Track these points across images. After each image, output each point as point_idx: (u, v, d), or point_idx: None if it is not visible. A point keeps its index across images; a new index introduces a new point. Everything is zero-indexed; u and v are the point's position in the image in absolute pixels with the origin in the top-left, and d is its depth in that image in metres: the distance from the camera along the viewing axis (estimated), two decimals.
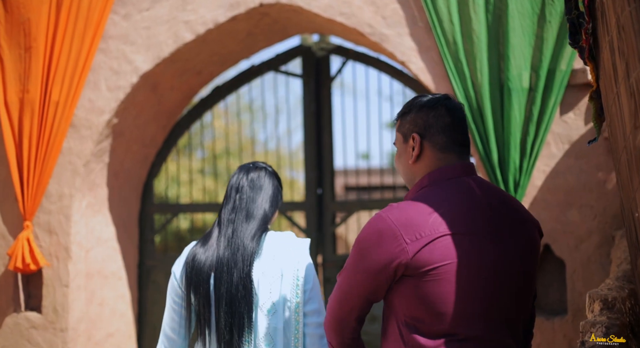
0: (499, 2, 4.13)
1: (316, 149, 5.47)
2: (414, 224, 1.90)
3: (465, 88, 4.18)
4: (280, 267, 2.58)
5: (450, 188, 2.01)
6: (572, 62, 4.03)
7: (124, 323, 5.28)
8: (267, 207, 2.67)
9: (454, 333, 1.90)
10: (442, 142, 2.06)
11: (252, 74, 5.60)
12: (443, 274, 1.89)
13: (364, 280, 1.97)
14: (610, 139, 2.10)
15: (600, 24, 2.00)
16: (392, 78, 5.30)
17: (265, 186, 2.70)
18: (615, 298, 2.84)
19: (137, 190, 5.51)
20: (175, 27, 4.72)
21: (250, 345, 2.53)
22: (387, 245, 1.91)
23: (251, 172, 2.72)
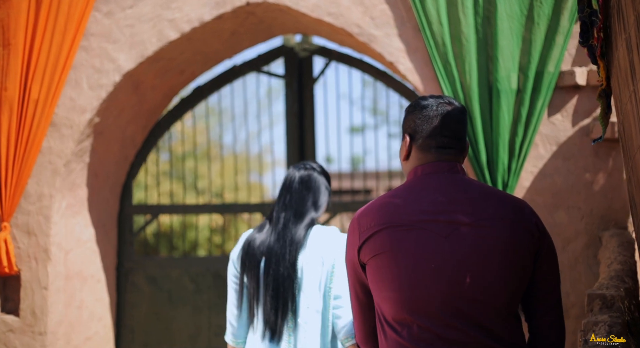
0: (488, 4, 4.15)
1: (299, 150, 5.44)
2: (367, 216, 2.08)
3: (454, 89, 4.18)
4: (321, 257, 2.90)
5: (415, 184, 2.12)
6: (559, 64, 4.07)
7: (102, 326, 5.19)
8: (315, 206, 2.97)
9: (409, 320, 2.00)
10: (425, 144, 2.15)
11: (234, 74, 5.55)
12: (380, 263, 2.03)
13: (349, 268, 2.18)
14: (623, 137, 2.11)
15: (615, 21, 2.00)
16: (376, 79, 5.30)
17: (313, 186, 2.99)
18: (614, 297, 2.86)
19: (116, 191, 5.42)
20: (160, 25, 4.65)
21: (291, 328, 2.89)
22: (350, 236, 2.14)
23: (302, 172, 3.02)
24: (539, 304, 2.12)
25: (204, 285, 5.46)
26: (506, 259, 2.01)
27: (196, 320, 5.45)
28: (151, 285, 5.49)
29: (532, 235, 2.04)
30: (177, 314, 5.48)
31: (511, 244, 2.01)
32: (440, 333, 1.96)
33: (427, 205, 2.03)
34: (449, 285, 1.98)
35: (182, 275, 5.49)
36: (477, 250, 1.99)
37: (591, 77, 4.07)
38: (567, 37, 4.06)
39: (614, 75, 2.13)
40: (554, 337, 2.16)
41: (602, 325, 2.67)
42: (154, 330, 5.49)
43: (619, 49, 2.00)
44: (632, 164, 2.04)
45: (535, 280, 2.09)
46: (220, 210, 5.90)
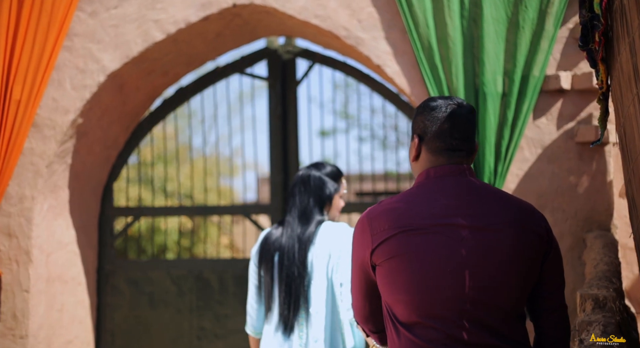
0: (474, 8, 4.20)
1: (282, 152, 5.43)
2: (380, 218, 2.09)
3: (440, 92, 4.22)
4: (329, 253, 3.14)
5: (428, 187, 2.13)
6: (544, 68, 4.12)
7: (82, 329, 5.13)
8: (318, 204, 3.23)
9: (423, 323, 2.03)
10: (436, 146, 2.16)
11: (217, 75, 5.53)
12: (393, 265, 2.05)
13: (356, 266, 2.20)
14: (624, 139, 2.15)
15: (618, 25, 2.04)
16: (359, 82, 5.32)
17: (312, 185, 3.24)
18: (606, 298, 2.90)
19: (97, 193, 5.37)
20: (145, 25, 4.62)
21: (304, 320, 3.13)
22: (360, 237, 2.15)
23: (303, 172, 3.30)
24: (545, 304, 2.16)
25: (186, 288, 5.43)
26: (517, 263, 2.04)
27: (178, 323, 5.42)
28: (132, 288, 5.44)
29: (542, 239, 2.08)
30: (158, 317, 5.44)
31: (522, 248, 2.05)
32: (453, 334, 1.99)
33: (441, 209, 2.05)
34: (462, 289, 2.00)
35: (163, 278, 5.45)
36: (490, 254, 2.02)
37: (576, 81, 4.13)
38: (552, 42, 4.12)
39: (615, 79, 2.17)
40: (559, 337, 2.20)
41: (596, 325, 2.71)
42: (134, 333, 5.44)
43: (622, 53, 2.04)
44: (633, 166, 2.07)
45: (542, 282, 2.13)
46: (203, 212, 5.87)
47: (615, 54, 2.13)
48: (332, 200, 3.29)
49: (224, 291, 5.39)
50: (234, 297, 5.37)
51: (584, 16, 2.23)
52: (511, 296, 2.06)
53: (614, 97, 2.22)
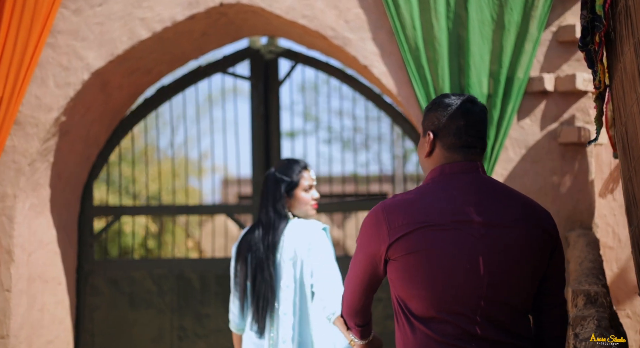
0: (460, 10, 4.26)
1: (264, 152, 5.44)
2: (398, 213, 2.09)
3: (427, 93, 4.28)
4: (295, 252, 3.15)
5: (444, 183, 2.15)
6: (529, 70, 4.21)
7: (62, 329, 5.08)
8: (276, 204, 3.21)
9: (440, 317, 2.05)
10: (451, 143, 2.19)
11: (199, 74, 5.52)
12: (413, 261, 2.06)
13: (364, 259, 2.20)
14: (626, 138, 2.21)
15: (623, 27, 2.11)
16: (342, 82, 5.35)
17: (269, 186, 3.25)
18: (597, 293, 2.98)
19: (78, 192, 5.32)
20: (131, 23, 4.61)
21: (274, 321, 3.16)
22: (375, 231, 2.13)
23: (266, 174, 3.34)
24: (547, 300, 2.21)
25: (167, 287, 5.40)
26: (529, 260, 2.10)
27: (159, 323, 5.39)
28: (112, 288, 5.40)
29: (550, 235, 2.14)
30: (139, 317, 5.40)
31: (533, 245, 2.10)
32: (467, 329, 2.03)
33: (459, 206, 2.07)
34: (479, 286, 2.04)
35: (144, 277, 5.42)
36: (505, 251, 2.06)
37: (558, 83, 4.22)
38: (536, 45, 4.21)
39: (617, 79, 2.23)
40: (559, 332, 2.25)
41: (590, 319, 2.78)
42: (114, 333, 5.40)
43: (626, 53, 2.10)
44: (635, 164, 2.14)
45: (547, 278, 2.18)
46: (184, 212, 5.85)
47: (618, 54, 2.20)
48: (294, 196, 3.24)
49: (205, 290, 5.38)
50: (216, 296, 5.37)
51: (585, 17, 2.29)
52: (522, 293, 2.11)
53: (615, 97, 2.28)
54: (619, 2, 2.15)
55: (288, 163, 3.26)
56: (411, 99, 4.33)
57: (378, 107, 5.26)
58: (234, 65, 5.54)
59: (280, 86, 5.50)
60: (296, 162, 3.27)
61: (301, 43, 5.03)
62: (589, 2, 2.26)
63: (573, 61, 4.24)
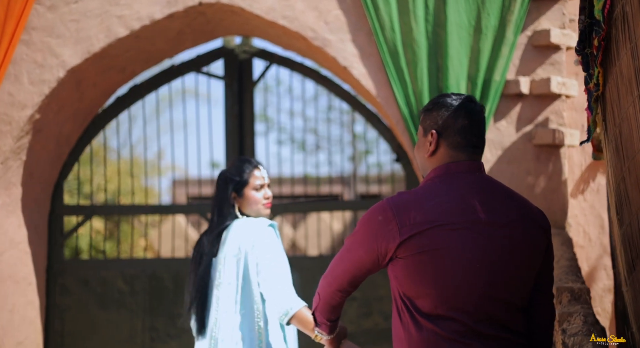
0: (439, 14, 4.34)
1: (238, 152, 5.44)
2: (408, 211, 2.08)
3: (406, 94, 4.34)
4: (238, 252, 3.03)
5: (452, 182, 2.17)
6: (505, 73, 4.30)
7: (33, 330, 5.00)
8: (222, 205, 3.13)
9: (448, 315, 2.08)
10: (456, 142, 2.21)
11: (173, 73, 5.49)
12: (426, 260, 2.07)
13: (363, 256, 2.18)
14: (619, 139, 2.29)
15: (619, 32, 2.18)
16: (317, 84, 5.39)
17: (216, 190, 3.16)
18: (581, 290, 3.07)
19: (49, 191, 5.24)
20: (108, 21, 4.57)
21: (213, 322, 3.03)
22: (382, 228, 2.11)
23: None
24: (539, 296, 2.27)
25: (139, 287, 5.36)
26: (530, 259, 2.15)
27: (130, 324, 5.34)
28: (82, 288, 5.33)
29: (546, 234, 2.21)
30: (110, 317, 5.35)
31: (533, 244, 2.16)
32: (473, 327, 2.07)
33: (468, 205, 2.10)
34: (486, 285, 2.08)
35: (115, 277, 5.37)
36: (510, 250, 2.11)
37: (534, 86, 4.33)
38: (512, 48, 4.30)
39: (612, 81, 2.31)
40: (548, 326, 2.32)
41: (576, 315, 2.87)
42: (84, 334, 5.33)
43: (622, 58, 2.18)
44: (629, 164, 2.21)
45: (540, 275, 2.24)
46: (156, 212, 5.81)
47: (613, 58, 2.28)
48: (244, 195, 3.12)
49: (178, 290, 5.35)
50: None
51: (583, 22, 2.37)
52: (522, 291, 2.17)
53: (609, 99, 2.36)
54: (615, 8, 2.23)
55: (238, 162, 3.17)
56: (390, 99, 4.39)
57: (352, 107, 5.31)
58: (207, 65, 5.53)
59: (255, 86, 5.51)
60: (247, 160, 3.18)
61: (278, 44, 5.05)
62: (587, 7, 2.33)
63: (547, 65, 4.34)
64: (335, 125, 14.82)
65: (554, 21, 4.36)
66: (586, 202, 4.55)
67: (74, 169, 5.50)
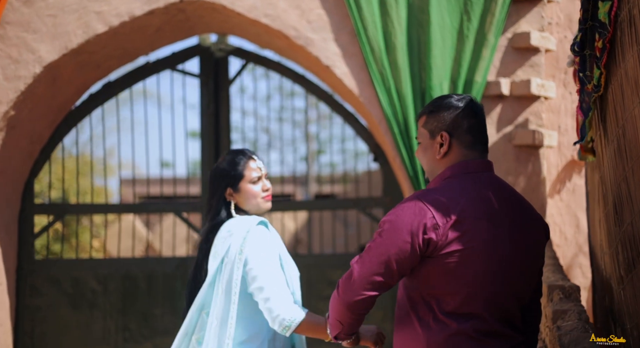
0: (421, 15, 4.37)
1: (214, 150, 5.40)
2: (444, 210, 2.07)
3: (389, 94, 4.37)
4: (227, 248, 2.72)
5: (472, 180, 2.19)
6: (486, 74, 4.36)
7: (2, 332, 4.89)
8: (215, 202, 2.82)
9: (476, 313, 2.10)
10: (468, 141, 2.23)
11: (147, 71, 5.42)
12: (463, 257, 2.08)
13: (397, 257, 2.09)
14: (622, 140, 2.34)
15: (626, 34, 2.23)
16: (294, 83, 5.38)
17: (210, 187, 2.86)
18: (572, 288, 3.13)
19: (19, 189, 5.13)
20: (86, 17, 4.49)
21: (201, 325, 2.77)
22: (419, 227, 2.06)
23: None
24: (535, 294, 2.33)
25: (112, 287, 5.28)
26: (536, 257, 2.22)
27: (103, 324, 5.25)
28: (54, 288, 5.23)
29: (546, 235, 2.28)
30: (82, 318, 5.25)
31: (538, 243, 2.23)
32: (494, 325, 2.10)
33: (492, 204, 2.12)
34: (507, 282, 2.12)
35: (88, 278, 5.27)
36: (525, 249, 2.16)
37: (514, 87, 4.39)
38: (493, 50, 4.36)
39: (616, 83, 2.36)
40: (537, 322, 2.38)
41: (571, 313, 2.93)
42: (55, 335, 5.23)
43: (628, 60, 2.23)
44: (632, 165, 2.26)
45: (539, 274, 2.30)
46: (128, 210, 5.73)
47: (618, 60, 2.33)
48: (241, 190, 2.80)
49: (151, 291, 5.29)
50: (163, 296, 5.28)
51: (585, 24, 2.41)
52: (530, 289, 2.24)
53: (613, 100, 2.41)
54: (622, 11, 2.28)
55: (230, 155, 2.87)
56: (373, 99, 4.41)
57: (330, 107, 5.31)
58: (183, 63, 5.47)
59: (230, 85, 5.47)
60: (240, 152, 2.87)
61: (257, 42, 5.03)
62: (590, 9, 2.37)
63: (527, 67, 4.41)
64: (289, 124, 14.85)
65: (534, 24, 4.43)
66: (562, 201, 4.64)
67: (44, 168, 5.40)
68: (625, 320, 2.64)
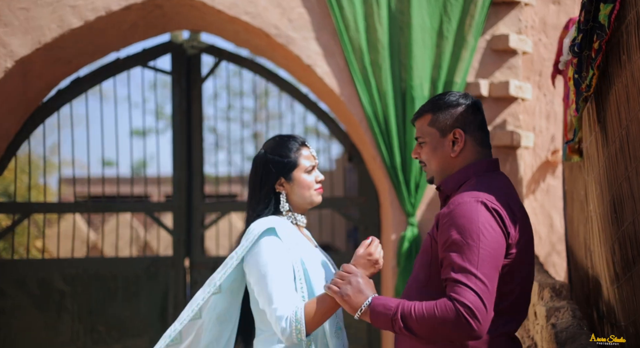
0: (402, 16, 4.39)
1: (186, 148, 5.32)
2: (501, 210, 2.05)
3: (370, 94, 4.37)
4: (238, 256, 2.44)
5: (500, 179, 2.20)
6: (466, 75, 4.40)
7: None
8: (258, 194, 2.52)
9: (515, 314, 2.11)
10: (480, 137, 2.23)
11: (118, 67, 5.31)
12: (519, 256, 2.09)
13: (498, 257, 2.00)
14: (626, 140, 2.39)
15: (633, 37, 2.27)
16: (268, 81, 5.34)
17: (254, 177, 2.54)
18: (562, 286, 3.18)
19: None
20: (61, 11, 4.38)
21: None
22: (499, 228, 2.01)
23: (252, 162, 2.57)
24: None
25: (80, 288, 5.15)
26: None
27: (71, 326, 5.12)
28: (19, 290, 5.08)
29: None
30: (49, 320, 5.11)
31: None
32: (517, 326, 2.13)
33: (519, 202, 2.15)
34: (532, 283, 2.18)
35: (55, 278, 5.14)
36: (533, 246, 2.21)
37: (492, 89, 4.45)
38: (472, 52, 4.41)
39: (620, 84, 2.41)
40: None
41: (564, 310, 2.98)
42: (20, 338, 5.08)
43: (635, 61, 2.27)
44: (636, 165, 2.31)
45: None
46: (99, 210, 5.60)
47: (623, 61, 2.37)
48: (294, 180, 2.50)
49: (121, 291, 5.19)
50: (134, 297, 5.19)
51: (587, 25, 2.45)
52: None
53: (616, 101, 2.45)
54: (628, 13, 2.32)
55: (281, 140, 2.54)
56: (354, 98, 4.41)
57: (305, 106, 5.29)
58: (154, 59, 5.38)
59: (203, 82, 5.40)
60: (291, 137, 2.55)
61: (234, 40, 4.98)
62: (592, 10, 2.41)
63: (505, 69, 4.47)
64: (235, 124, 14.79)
65: (511, 27, 4.49)
66: (536, 201, 4.71)
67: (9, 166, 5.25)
68: (620, 318, 2.69)
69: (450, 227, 2.01)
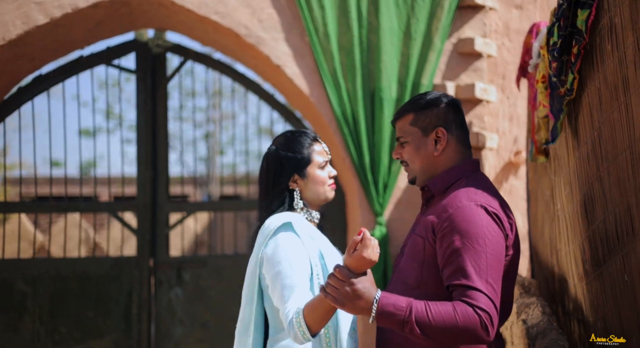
0: (371, 18, 4.44)
1: (152, 149, 5.29)
2: (499, 211, 2.09)
3: (339, 95, 4.41)
4: (256, 254, 2.42)
5: (487, 180, 2.24)
6: (432, 77, 4.48)
7: None
8: (264, 196, 2.48)
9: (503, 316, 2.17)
10: (462, 137, 2.26)
11: (81, 65, 5.25)
12: (513, 259, 2.15)
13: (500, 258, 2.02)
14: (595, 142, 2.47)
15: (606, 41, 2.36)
16: (234, 81, 5.34)
17: (266, 174, 2.50)
18: (531, 283, 3.27)
19: None
20: (26, 7, 4.31)
21: None
22: (499, 229, 2.04)
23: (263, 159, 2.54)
24: None
25: (41, 289, 5.07)
26: None
27: (32, 327, 5.04)
28: None
29: None
30: (9, 321, 5.02)
31: None
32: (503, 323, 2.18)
33: (505, 203, 2.18)
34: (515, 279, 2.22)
35: (14, 279, 5.05)
36: None
37: (459, 91, 4.53)
38: (439, 54, 4.48)
39: (593, 87, 2.49)
40: None
41: (534, 306, 3.06)
42: None
43: (608, 65, 2.36)
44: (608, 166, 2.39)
45: None
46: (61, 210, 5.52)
47: (597, 65, 2.45)
48: (308, 176, 2.46)
49: (83, 292, 5.12)
50: (97, 298, 5.13)
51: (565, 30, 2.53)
52: None
53: (589, 104, 2.53)
54: (602, 18, 2.40)
55: (293, 136, 2.48)
56: (323, 99, 4.45)
57: (271, 106, 5.30)
58: (119, 58, 5.33)
59: (168, 82, 5.37)
60: (303, 133, 2.50)
61: (202, 40, 4.97)
62: (571, 17, 2.49)
63: (470, 71, 4.56)
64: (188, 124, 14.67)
65: (477, 30, 4.58)
66: None
67: None
68: (588, 314, 2.78)
69: (452, 232, 2.01)
